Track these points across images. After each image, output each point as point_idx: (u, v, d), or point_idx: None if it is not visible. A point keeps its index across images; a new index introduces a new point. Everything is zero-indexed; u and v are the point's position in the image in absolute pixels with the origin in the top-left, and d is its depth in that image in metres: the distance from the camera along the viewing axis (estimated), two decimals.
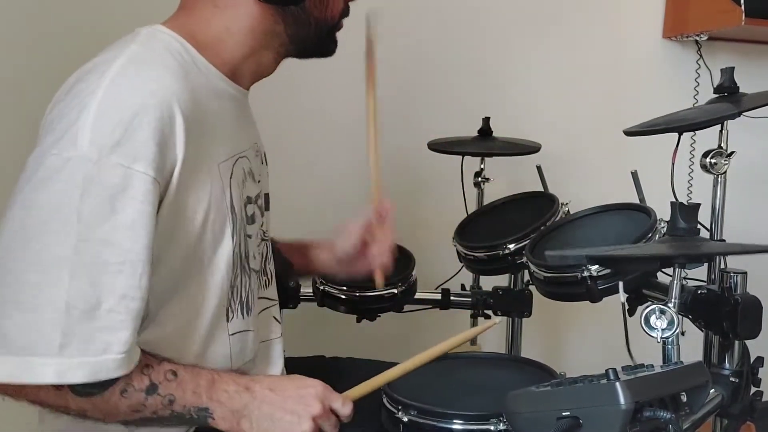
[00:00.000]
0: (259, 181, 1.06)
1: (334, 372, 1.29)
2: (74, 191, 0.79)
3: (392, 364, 1.14)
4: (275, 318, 1.14)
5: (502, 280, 1.68)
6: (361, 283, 1.41)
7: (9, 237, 0.81)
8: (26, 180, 0.82)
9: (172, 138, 0.85)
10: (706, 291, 1.15)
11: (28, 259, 0.80)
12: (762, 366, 1.19)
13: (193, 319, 0.94)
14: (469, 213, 1.73)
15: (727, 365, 1.17)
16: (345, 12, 1.05)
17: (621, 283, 1.05)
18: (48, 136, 0.83)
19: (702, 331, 1.20)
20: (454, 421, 0.95)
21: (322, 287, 1.44)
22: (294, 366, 1.19)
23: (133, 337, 0.83)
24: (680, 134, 1.29)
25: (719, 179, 1.29)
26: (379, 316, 1.45)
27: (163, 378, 0.87)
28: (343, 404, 0.94)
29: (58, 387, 0.82)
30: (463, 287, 1.72)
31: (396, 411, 0.98)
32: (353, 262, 1.24)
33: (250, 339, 1.02)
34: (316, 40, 1.03)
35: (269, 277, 1.10)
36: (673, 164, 1.29)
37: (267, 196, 1.16)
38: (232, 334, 0.99)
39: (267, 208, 1.15)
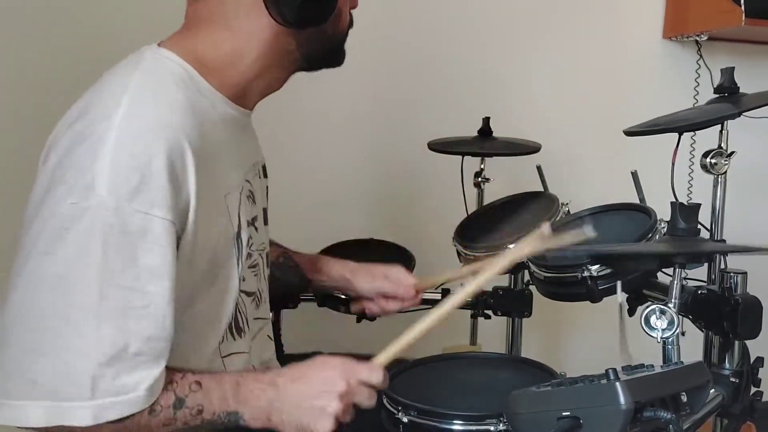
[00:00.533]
0: (256, 203, 1.05)
1: None
2: (95, 241, 0.79)
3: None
4: (269, 336, 1.15)
5: (502, 280, 1.68)
6: None
7: (31, 286, 0.80)
8: (40, 228, 0.81)
9: (185, 177, 0.84)
10: (706, 291, 1.15)
11: (53, 308, 0.80)
12: (762, 366, 1.19)
13: (195, 346, 0.94)
14: (469, 213, 1.73)
15: (727, 365, 1.17)
16: (351, 23, 1.05)
17: (619, 284, 1.05)
18: (60, 184, 0.81)
19: (702, 331, 1.20)
20: (454, 421, 0.95)
21: None
22: (291, 362, 1.19)
23: (160, 372, 0.84)
24: (680, 134, 1.29)
25: (719, 179, 1.28)
26: (379, 316, 1.45)
27: (188, 391, 0.87)
28: (371, 372, 0.94)
29: None
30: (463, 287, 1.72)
31: (396, 411, 0.98)
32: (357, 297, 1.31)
33: (244, 361, 1.02)
34: (328, 55, 1.03)
35: (260, 296, 1.10)
36: (673, 164, 1.29)
37: (265, 210, 1.15)
38: (225, 357, 0.99)
39: (266, 222, 1.15)
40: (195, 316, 0.93)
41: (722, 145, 1.27)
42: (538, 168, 1.67)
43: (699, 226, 1.15)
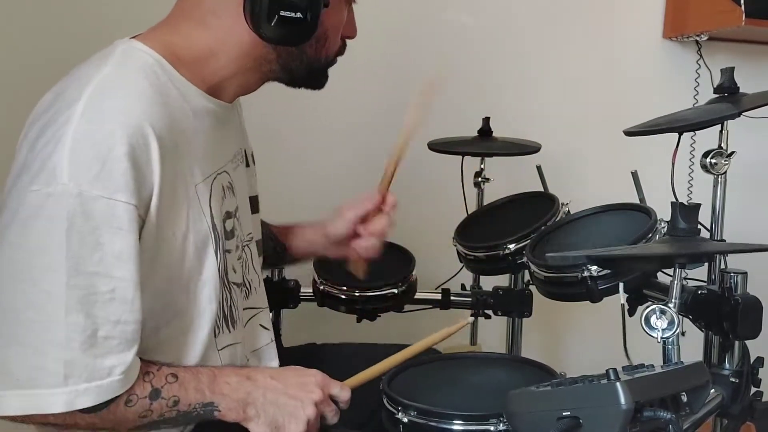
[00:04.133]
0: (235, 194, 1.05)
1: (326, 357, 1.30)
2: (59, 227, 0.80)
3: (381, 347, 1.14)
4: (262, 326, 1.14)
5: (502, 280, 1.68)
6: (361, 283, 1.42)
7: (1, 276, 0.82)
8: (9, 219, 0.82)
9: (149, 165, 0.85)
10: (706, 291, 1.15)
11: (22, 298, 0.81)
12: (762, 366, 1.19)
13: (186, 338, 0.95)
14: (469, 213, 1.73)
15: (727, 365, 1.17)
16: (341, 50, 1.05)
17: (621, 285, 1.05)
18: (25, 172, 0.82)
19: (702, 331, 1.20)
20: (454, 421, 0.95)
21: (322, 287, 1.44)
22: (286, 355, 1.20)
23: (133, 357, 0.85)
24: (680, 134, 1.29)
25: (719, 179, 1.28)
26: (379, 316, 1.45)
27: (164, 382, 0.88)
28: (342, 390, 0.98)
29: None
30: (463, 287, 1.72)
31: (396, 411, 0.98)
32: (343, 245, 1.25)
33: (238, 351, 1.03)
34: (307, 75, 1.03)
35: (249, 286, 1.10)
36: (673, 164, 1.29)
37: (255, 198, 1.15)
38: (221, 349, 1.00)
39: (256, 210, 1.15)
40: (174, 307, 0.93)
41: (722, 145, 1.27)
42: (538, 168, 1.67)
43: (699, 226, 1.15)
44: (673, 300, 1.01)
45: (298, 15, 0.92)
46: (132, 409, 0.86)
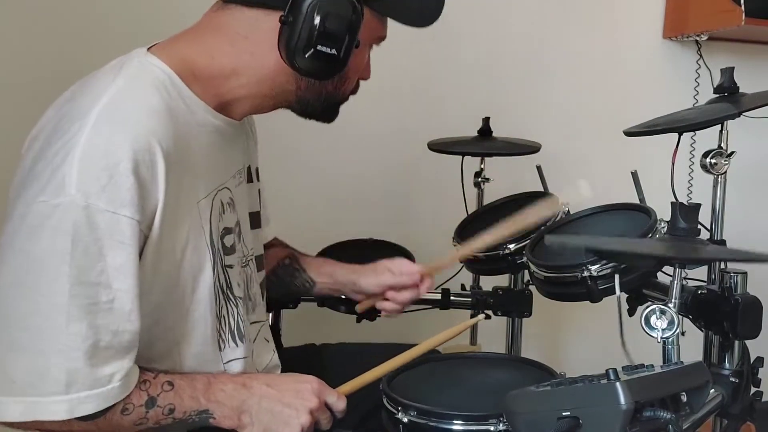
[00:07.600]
0: (236, 209, 1.05)
1: (325, 358, 1.30)
2: (65, 238, 0.81)
3: (381, 347, 1.14)
4: (266, 339, 1.15)
5: (502, 280, 1.68)
6: None
7: (6, 285, 0.83)
8: (16, 227, 0.83)
9: (154, 182, 0.86)
10: (706, 291, 1.16)
11: (26, 306, 0.82)
12: (762, 366, 1.19)
13: (180, 352, 0.96)
14: (469, 213, 1.73)
15: (727, 365, 1.17)
16: (355, 89, 1.06)
17: (616, 277, 1.05)
18: (34, 181, 0.83)
19: (702, 331, 1.20)
20: (454, 421, 0.95)
21: None
22: (286, 355, 1.20)
23: (130, 363, 0.87)
24: (680, 134, 1.29)
25: (719, 179, 1.28)
26: (379, 315, 1.45)
27: (160, 390, 0.89)
28: (338, 399, 0.98)
29: None
30: (463, 287, 1.72)
31: (396, 411, 0.98)
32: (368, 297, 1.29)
33: (247, 365, 1.03)
34: (320, 109, 1.04)
35: (253, 300, 1.11)
36: (673, 164, 1.29)
37: (256, 214, 1.15)
38: (227, 362, 1.00)
39: (258, 226, 1.15)
40: (166, 321, 0.94)
41: (722, 145, 1.27)
42: (538, 168, 1.67)
43: (699, 226, 1.15)
44: (673, 300, 1.01)
45: (333, 51, 0.93)
46: (128, 417, 0.87)
